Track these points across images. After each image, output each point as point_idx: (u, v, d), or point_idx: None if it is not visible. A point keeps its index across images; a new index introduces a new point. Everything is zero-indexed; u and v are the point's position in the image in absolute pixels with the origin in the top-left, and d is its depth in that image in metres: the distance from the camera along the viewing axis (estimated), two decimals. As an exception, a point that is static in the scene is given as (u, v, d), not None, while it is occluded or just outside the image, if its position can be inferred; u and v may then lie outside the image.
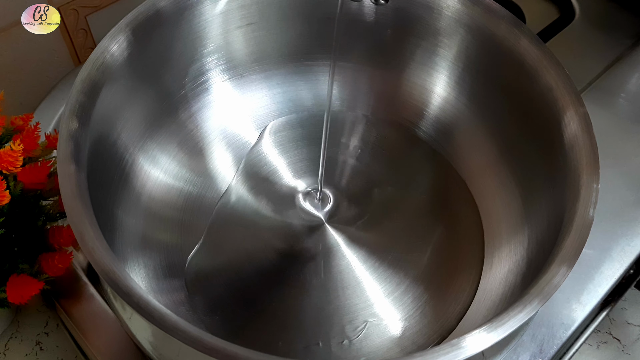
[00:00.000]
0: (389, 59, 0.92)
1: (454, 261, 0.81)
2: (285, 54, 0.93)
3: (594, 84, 1.00)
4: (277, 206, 0.85)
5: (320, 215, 0.84)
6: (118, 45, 0.73)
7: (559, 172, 0.71)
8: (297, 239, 0.82)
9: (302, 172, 0.88)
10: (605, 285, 0.80)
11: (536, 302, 0.57)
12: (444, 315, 0.76)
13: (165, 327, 0.53)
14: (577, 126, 0.70)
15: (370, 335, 0.75)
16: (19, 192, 0.69)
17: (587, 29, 1.09)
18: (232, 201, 0.85)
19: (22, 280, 0.67)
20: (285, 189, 0.87)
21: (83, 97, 0.68)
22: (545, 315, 0.76)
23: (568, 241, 0.62)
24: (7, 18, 0.86)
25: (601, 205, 0.65)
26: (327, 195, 0.86)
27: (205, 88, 0.88)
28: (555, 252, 0.62)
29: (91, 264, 0.57)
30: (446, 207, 0.86)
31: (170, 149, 0.86)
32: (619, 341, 0.82)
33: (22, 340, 0.76)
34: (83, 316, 0.73)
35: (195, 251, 0.80)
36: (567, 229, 0.63)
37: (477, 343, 0.54)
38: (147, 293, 0.56)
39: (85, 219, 0.59)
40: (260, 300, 0.77)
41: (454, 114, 0.90)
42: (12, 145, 0.68)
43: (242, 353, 0.52)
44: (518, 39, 0.78)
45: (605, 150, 0.70)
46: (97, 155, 0.69)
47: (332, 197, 0.86)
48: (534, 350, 0.74)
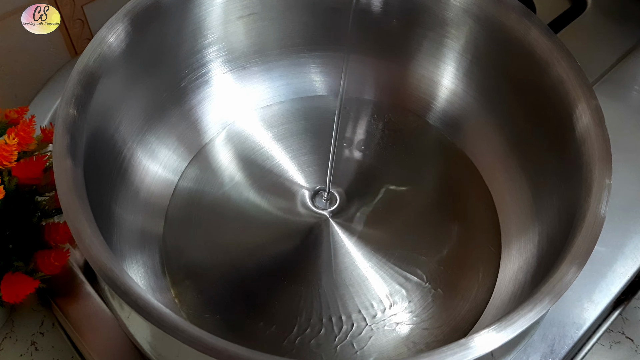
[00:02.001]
0: (395, 50, 0.92)
1: (463, 259, 0.81)
2: (288, 45, 0.93)
3: (606, 76, 1.00)
4: (280, 201, 0.85)
5: (325, 211, 0.84)
6: (116, 35, 0.73)
7: (570, 167, 0.71)
8: (300, 235, 0.82)
9: (306, 165, 0.88)
10: (618, 283, 0.80)
11: (546, 302, 0.57)
12: (453, 313, 0.77)
13: (164, 326, 0.53)
14: (589, 119, 0.70)
15: (376, 334, 0.75)
16: (13, 188, 0.69)
17: (599, 20, 1.09)
18: (233, 196, 0.85)
19: (17, 278, 0.67)
20: (289, 184, 0.87)
21: (80, 89, 0.68)
22: (556, 314, 0.77)
23: (579, 239, 0.62)
24: (1, 8, 0.86)
25: (614, 201, 0.65)
26: (332, 191, 0.86)
27: (205, 80, 0.89)
28: (565, 250, 0.62)
29: (88, 261, 0.57)
30: (458, 203, 0.87)
31: (169, 143, 0.86)
32: (632, 341, 0.82)
33: (17, 340, 0.76)
34: (80, 315, 0.73)
35: (195, 248, 0.80)
36: (578, 226, 0.63)
37: (486, 343, 0.54)
38: (146, 292, 0.56)
39: (82, 215, 0.59)
40: (262, 298, 0.77)
41: (462, 107, 0.90)
42: (7, 139, 0.69)
43: (243, 353, 0.52)
44: (528, 29, 0.78)
45: (618, 145, 0.69)
46: (94, 149, 0.69)
47: (336, 193, 0.86)
48: (544, 351, 0.74)
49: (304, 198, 0.85)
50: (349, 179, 0.88)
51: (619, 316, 0.83)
